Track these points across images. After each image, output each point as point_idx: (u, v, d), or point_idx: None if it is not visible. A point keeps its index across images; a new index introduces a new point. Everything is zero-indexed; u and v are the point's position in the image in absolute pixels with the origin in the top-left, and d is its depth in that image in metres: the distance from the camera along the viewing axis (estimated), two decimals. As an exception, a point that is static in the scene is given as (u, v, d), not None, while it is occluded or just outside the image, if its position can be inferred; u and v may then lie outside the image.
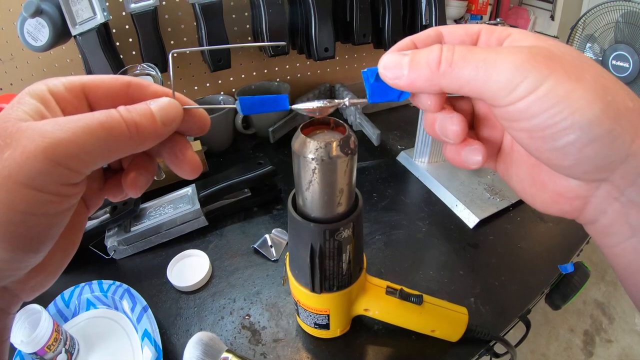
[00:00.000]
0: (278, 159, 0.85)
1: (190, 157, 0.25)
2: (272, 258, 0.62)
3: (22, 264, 0.20)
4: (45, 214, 0.19)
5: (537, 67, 0.19)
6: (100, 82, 0.23)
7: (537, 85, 0.19)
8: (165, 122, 0.23)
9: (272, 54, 0.77)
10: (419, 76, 0.22)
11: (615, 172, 0.20)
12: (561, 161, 0.21)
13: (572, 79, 0.19)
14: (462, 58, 0.21)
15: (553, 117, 0.19)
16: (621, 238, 0.22)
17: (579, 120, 0.19)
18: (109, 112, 0.20)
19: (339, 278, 0.40)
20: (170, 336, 0.52)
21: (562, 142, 0.19)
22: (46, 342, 0.45)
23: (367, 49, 1.04)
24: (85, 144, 0.19)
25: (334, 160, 0.30)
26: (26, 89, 0.21)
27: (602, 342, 1.49)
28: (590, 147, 0.19)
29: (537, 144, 0.21)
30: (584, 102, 0.19)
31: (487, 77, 0.20)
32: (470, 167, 0.25)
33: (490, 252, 0.63)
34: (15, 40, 0.72)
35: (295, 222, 0.35)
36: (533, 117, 0.20)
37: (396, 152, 0.87)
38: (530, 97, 0.19)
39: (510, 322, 0.53)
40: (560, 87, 0.19)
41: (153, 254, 0.65)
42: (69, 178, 0.19)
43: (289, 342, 0.50)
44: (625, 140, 0.19)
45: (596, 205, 0.22)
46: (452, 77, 0.21)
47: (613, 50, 0.85)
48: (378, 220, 0.69)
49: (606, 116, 0.19)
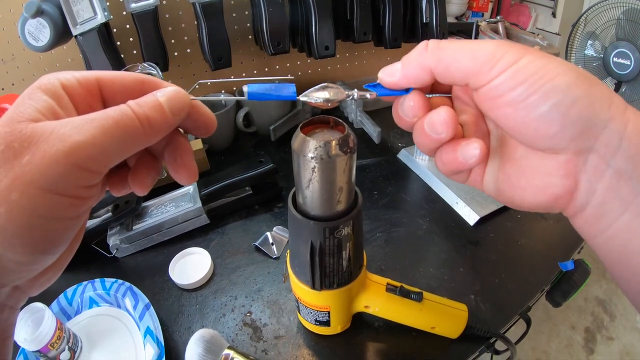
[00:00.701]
0: (279, 157, 0.85)
1: (189, 163, 0.25)
2: (273, 256, 0.62)
3: (39, 265, 0.20)
4: (65, 218, 0.19)
5: (514, 48, 0.22)
6: (114, 77, 0.23)
7: (517, 59, 0.22)
8: (175, 112, 0.23)
9: (273, 52, 0.77)
10: (410, 64, 0.25)
11: (599, 139, 0.21)
12: (547, 129, 0.22)
13: (546, 57, 0.22)
14: (448, 42, 0.24)
15: (535, 84, 0.21)
16: (613, 217, 0.22)
17: (560, 84, 0.21)
18: (121, 110, 0.20)
19: (339, 275, 0.40)
20: (173, 333, 0.52)
21: (546, 106, 0.21)
22: (49, 340, 0.45)
23: (368, 47, 1.04)
24: (103, 145, 0.19)
25: (333, 159, 0.30)
26: (37, 82, 0.20)
27: (603, 340, 1.49)
28: (573, 108, 0.21)
29: (522, 114, 0.22)
30: (560, 70, 0.21)
31: (471, 54, 0.23)
32: (469, 162, 0.25)
33: (490, 250, 0.63)
34: (16, 40, 0.72)
35: (296, 220, 0.35)
36: (516, 87, 0.21)
37: (397, 150, 0.87)
38: (512, 68, 0.22)
39: (510, 319, 0.54)
40: (537, 60, 0.21)
41: (155, 252, 0.65)
42: (89, 179, 0.19)
43: (290, 339, 0.50)
44: (603, 104, 0.21)
45: (586, 183, 0.23)
46: (439, 56, 0.24)
47: (614, 47, 0.85)
48: (379, 218, 0.69)
49: (582, 81, 0.21)
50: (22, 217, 0.18)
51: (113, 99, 0.23)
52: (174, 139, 0.25)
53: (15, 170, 0.17)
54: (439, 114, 0.25)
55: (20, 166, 0.17)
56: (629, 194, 0.21)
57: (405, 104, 0.26)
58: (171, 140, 0.25)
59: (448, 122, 0.24)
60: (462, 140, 0.25)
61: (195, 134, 0.26)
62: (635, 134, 0.21)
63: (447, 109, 0.25)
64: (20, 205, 0.17)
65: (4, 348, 0.22)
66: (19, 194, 0.17)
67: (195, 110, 0.25)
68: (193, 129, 0.26)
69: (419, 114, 0.26)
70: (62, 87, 0.21)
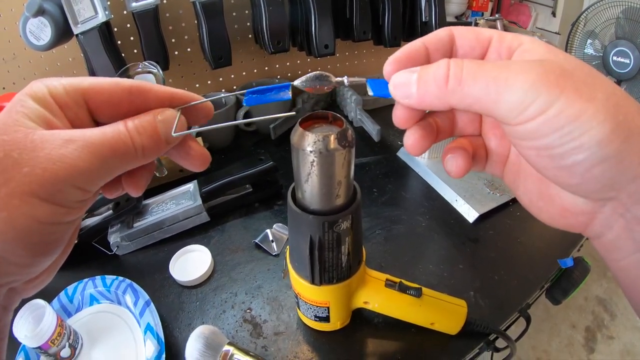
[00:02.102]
0: (279, 155, 0.85)
1: (199, 150, 0.26)
2: (273, 253, 0.62)
3: (37, 267, 0.21)
4: (62, 223, 0.21)
5: (548, 87, 0.19)
6: (100, 88, 0.23)
7: (549, 106, 0.19)
8: (169, 141, 0.23)
9: (272, 51, 0.77)
10: (427, 93, 0.22)
11: (622, 192, 0.20)
12: (568, 180, 0.21)
13: (584, 99, 0.18)
14: (471, 75, 0.20)
15: (562, 138, 0.19)
16: (626, 253, 0.22)
17: (589, 141, 0.18)
18: (120, 135, 0.21)
19: (338, 270, 0.40)
20: (173, 330, 0.52)
21: (569, 161, 0.19)
22: (50, 336, 0.45)
23: (367, 45, 1.04)
24: (99, 170, 0.20)
25: (332, 153, 0.31)
26: (25, 89, 0.21)
27: (604, 339, 1.49)
28: (598, 167, 0.19)
29: (544, 162, 0.21)
30: (594, 122, 0.18)
31: (497, 97, 0.20)
32: (451, 174, 0.26)
33: (490, 247, 0.63)
34: (17, 39, 0.72)
35: (295, 215, 0.36)
36: (543, 137, 0.20)
37: (396, 148, 0.87)
38: (540, 117, 0.19)
39: (510, 316, 0.54)
40: (571, 107, 0.18)
41: (155, 249, 0.65)
42: (84, 196, 0.21)
43: (290, 335, 0.51)
44: (633, 161, 0.19)
45: (602, 221, 0.22)
46: (461, 95, 0.21)
47: (614, 46, 0.85)
48: (378, 215, 0.69)
49: (616, 137, 0.18)
50: (22, 222, 0.18)
51: (99, 110, 0.23)
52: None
53: (15, 180, 0.18)
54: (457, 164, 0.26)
55: (20, 176, 0.18)
56: None
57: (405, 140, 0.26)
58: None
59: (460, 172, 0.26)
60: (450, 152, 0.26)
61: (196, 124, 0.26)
62: None
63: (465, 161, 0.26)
64: (21, 211, 0.18)
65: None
66: (19, 201, 0.18)
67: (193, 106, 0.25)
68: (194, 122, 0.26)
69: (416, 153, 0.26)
70: (50, 95, 0.21)
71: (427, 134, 0.25)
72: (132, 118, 0.22)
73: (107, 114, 0.23)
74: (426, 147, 0.26)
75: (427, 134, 0.25)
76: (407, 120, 0.25)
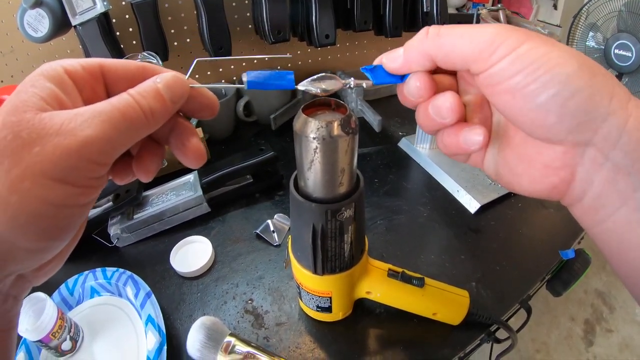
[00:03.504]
0: (280, 146, 0.85)
1: (196, 144, 0.25)
2: (274, 243, 0.62)
3: (48, 253, 0.21)
4: (76, 205, 0.20)
5: (515, 33, 0.21)
6: (117, 64, 0.23)
7: (517, 46, 0.21)
8: (174, 99, 0.23)
9: (273, 41, 0.76)
10: (411, 50, 0.25)
11: (598, 133, 0.21)
12: (544, 119, 0.21)
13: (549, 44, 0.21)
14: (447, 29, 0.23)
15: (534, 72, 0.21)
16: (611, 209, 0.22)
17: (559, 74, 0.20)
18: (126, 101, 0.21)
19: (340, 259, 0.40)
20: (174, 321, 0.52)
21: (544, 96, 0.21)
22: (51, 329, 0.45)
23: (368, 36, 1.03)
24: (111, 139, 0.20)
25: (335, 140, 0.30)
26: (40, 68, 0.21)
27: (603, 332, 1.49)
28: (572, 100, 0.20)
29: (520, 103, 0.22)
30: (561, 59, 0.20)
31: (470, 40, 0.22)
32: (470, 148, 0.25)
33: (491, 238, 0.63)
34: (15, 32, 0.72)
35: (297, 203, 0.35)
36: (514, 75, 0.21)
37: (397, 139, 0.87)
38: (511, 55, 0.21)
39: (511, 307, 0.54)
40: (538, 48, 0.21)
41: (156, 241, 0.65)
42: (98, 171, 0.20)
43: (292, 326, 0.50)
44: (603, 96, 0.20)
45: (582, 175, 0.22)
46: (440, 43, 0.23)
47: (615, 39, 0.84)
48: (379, 206, 0.69)
49: (583, 72, 0.20)
50: (34, 205, 0.18)
51: (116, 85, 0.23)
52: (178, 124, 0.25)
53: (26, 161, 0.18)
54: (445, 99, 0.25)
55: (30, 156, 0.18)
56: (627, 189, 0.21)
57: (411, 84, 0.26)
58: (175, 125, 0.25)
59: (454, 108, 0.25)
60: (465, 125, 0.26)
61: (198, 116, 0.26)
62: (635, 129, 0.20)
63: (453, 95, 0.25)
64: (32, 194, 0.18)
65: (9, 339, 0.23)
66: (30, 183, 0.18)
67: (196, 93, 0.25)
68: (196, 112, 0.26)
69: (425, 95, 0.26)
70: (65, 73, 0.21)
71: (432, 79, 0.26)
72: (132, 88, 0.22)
73: (123, 90, 0.22)
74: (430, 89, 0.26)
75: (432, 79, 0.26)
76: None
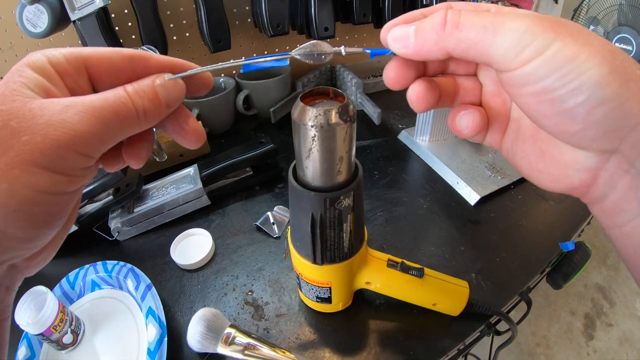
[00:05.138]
0: (280, 139, 0.85)
1: (194, 126, 0.25)
2: (274, 235, 0.62)
3: (39, 241, 0.21)
4: (64, 193, 0.20)
5: (544, 31, 0.19)
6: (101, 56, 0.22)
7: (545, 48, 0.19)
8: (169, 104, 0.23)
9: (272, 34, 0.76)
10: (426, 41, 0.22)
11: (625, 141, 0.20)
12: (569, 126, 0.20)
13: (580, 43, 0.19)
14: (468, 20, 0.21)
15: (561, 79, 0.19)
16: (631, 215, 0.21)
17: (588, 81, 0.18)
18: (121, 99, 0.21)
19: (340, 249, 0.40)
20: (175, 313, 0.52)
21: (570, 104, 0.19)
22: (52, 322, 0.45)
23: (368, 28, 1.03)
24: (101, 134, 0.20)
25: (333, 127, 0.30)
26: (24, 59, 0.21)
27: (603, 326, 1.50)
28: (599, 109, 0.19)
29: (544, 108, 0.20)
30: (592, 64, 0.18)
31: (494, 39, 0.20)
32: (463, 132, 0.26)
33: (491, 229, 0.63)
34: (14, 28, 0.72)
35: (296, 192, 0.35)
36: (541, 80, 0.20)
37: (397, 131, 0.87)
38: (538, 59, 0.19)
39: (511, 298, 0.53)
40: (567, 49, 0.19)
41: (156, 234, 0.65)
42: (86, 163, 0.20)
43: (292, 317, 0.51)
44: (634, 106, 0.19)
45: (605, 179, 0.22)
46: (458, 38, 0.21)
47: (616, 32, 0.84)
48: (379, 197, 0.69)
49: (614, 78, 0.18)
50: (23, 192, 0.18)
51: (100, 78, 0.23)
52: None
53: (15, 149, 0.18)
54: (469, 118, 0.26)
55: (19, 145, 0.18)
56: None
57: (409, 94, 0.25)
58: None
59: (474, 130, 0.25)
60: (462, 108, 0.26)
61: (193, 95, 0.26)
62: None
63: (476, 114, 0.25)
64: (21, 181, 0.18)
65: (1, 330, 0.22)
66: (19, 171, 0.18)
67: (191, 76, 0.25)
68: (192, 93, 0.26)
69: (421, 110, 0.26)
70: (50, 64, 0.21)
71: (431, 87, 0.25)
72: (131, 83, 0.22)
73: (107, 83, 0.23)
74: (431, 102, 0.25)
75: (431, 87, 0.25)
76: (399, 79, 0.25)
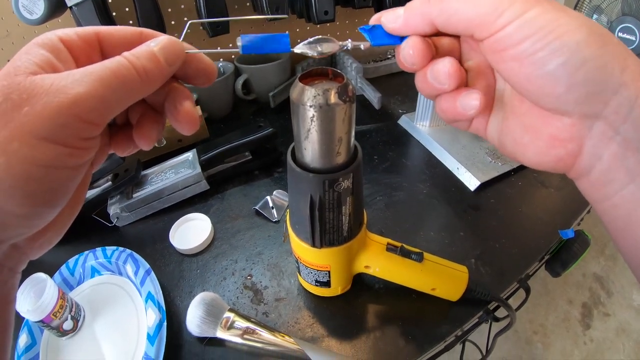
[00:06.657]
0: (279, 124, 0.85)
1: (187, 108, 0.25)
2: (273, 219, 0.62)
3: (39, 219, 0.20)
4: (66, 167, 0.19)
5: None
6: (113, 30, 0.23)
7: (524, 11, 0.20)
8: (169, 61, 0.23)
9: (271, 18, 0.75)
10: (413, 12, 0.24)
11: (608, 105, 0.20)
12: (552, 88, 0.21)
13: (558, 9, 0.20)
14: None
15: (542, 39, 0.20)
16: (619, 186, 0.21)
17: (568, 42, 0.19)
18: (118, 61, 0.21)
19: (339, 232, 0.40)
20: (174, 298, 0.52)
21: (552, 65, 0.20)
22: (52, 309, 0.45)
23: (368, 13, 1.01)
24: (104, 97, 0.19)
25: (332, 107, 0.30)
26: (35, 39, 0.21)
27: (600, 316, 1.51)
28: (581, 70, 0.19)
29: (528, 71, 0.21)
30: (571, 26, 0.19)
31: (474, 3, 0.21)
32: (467, 113, 0.25)
33: (491, 215, 0.63)
34: (10, 16, 0.71)
35: (295, 174, 0.35)
36: (522, 42, 0.20)
37: (397, 116, 0.86)
38: (517, 21, 0.20)
39: (511, 284, 0.53)
40: (546, 13, 0.20)
41: (155, 219, 0.65)
42: (90, 131, 0.20)
43: (291, 301, 0.51)
44: (615, 67, 0.19)
45: (591, 148, 0.22)
46: (441, 7, 0.22)
47: (620, 22, 0.83)
48: (379, 182, 0.69)
49: (594, 40, 0.19)
50: (21, 166, 0.18)
51: (112, 52, 0.23)
52: (173, 89, 0.25)
53: (15, 121, 0.17)
54: (444, 65, 0.24)
55: (20, 117, 0.17)
56: (636, 165, 0.20)
57: (405, 51, 0.25)
58: (170, 90, 0.25)
59: (452, 74, 0.24)
60: (463, 89, 0.25)
61: (195, 83, 0.26)
62: None
63: (451, 61, 0.24)
64: (20, 155, 0.17)
65: (6, 312, 0.22)
66: (18, 144, 0.17)
67: (193, 58, 0.25)
68: (192, 78, 0.26)
69: (418, 63, 0.25)
70: (60, 41, 0.21)
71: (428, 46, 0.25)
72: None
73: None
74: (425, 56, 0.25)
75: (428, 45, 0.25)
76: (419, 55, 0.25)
